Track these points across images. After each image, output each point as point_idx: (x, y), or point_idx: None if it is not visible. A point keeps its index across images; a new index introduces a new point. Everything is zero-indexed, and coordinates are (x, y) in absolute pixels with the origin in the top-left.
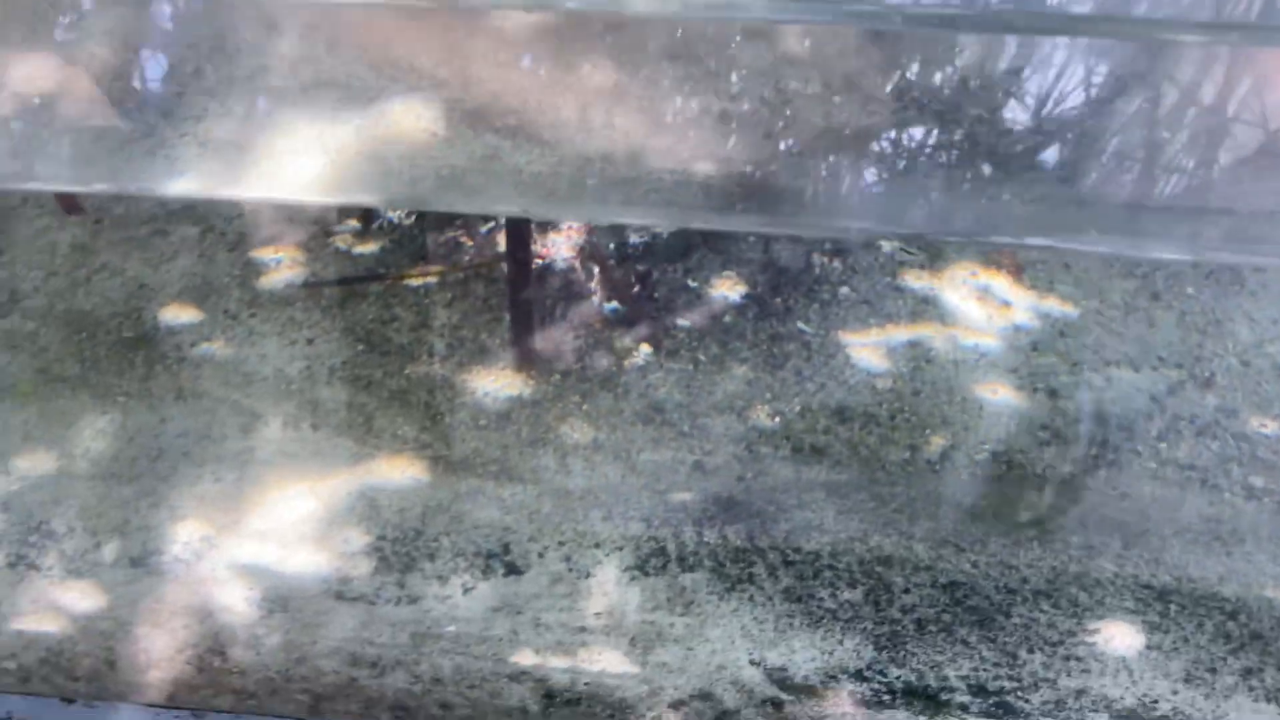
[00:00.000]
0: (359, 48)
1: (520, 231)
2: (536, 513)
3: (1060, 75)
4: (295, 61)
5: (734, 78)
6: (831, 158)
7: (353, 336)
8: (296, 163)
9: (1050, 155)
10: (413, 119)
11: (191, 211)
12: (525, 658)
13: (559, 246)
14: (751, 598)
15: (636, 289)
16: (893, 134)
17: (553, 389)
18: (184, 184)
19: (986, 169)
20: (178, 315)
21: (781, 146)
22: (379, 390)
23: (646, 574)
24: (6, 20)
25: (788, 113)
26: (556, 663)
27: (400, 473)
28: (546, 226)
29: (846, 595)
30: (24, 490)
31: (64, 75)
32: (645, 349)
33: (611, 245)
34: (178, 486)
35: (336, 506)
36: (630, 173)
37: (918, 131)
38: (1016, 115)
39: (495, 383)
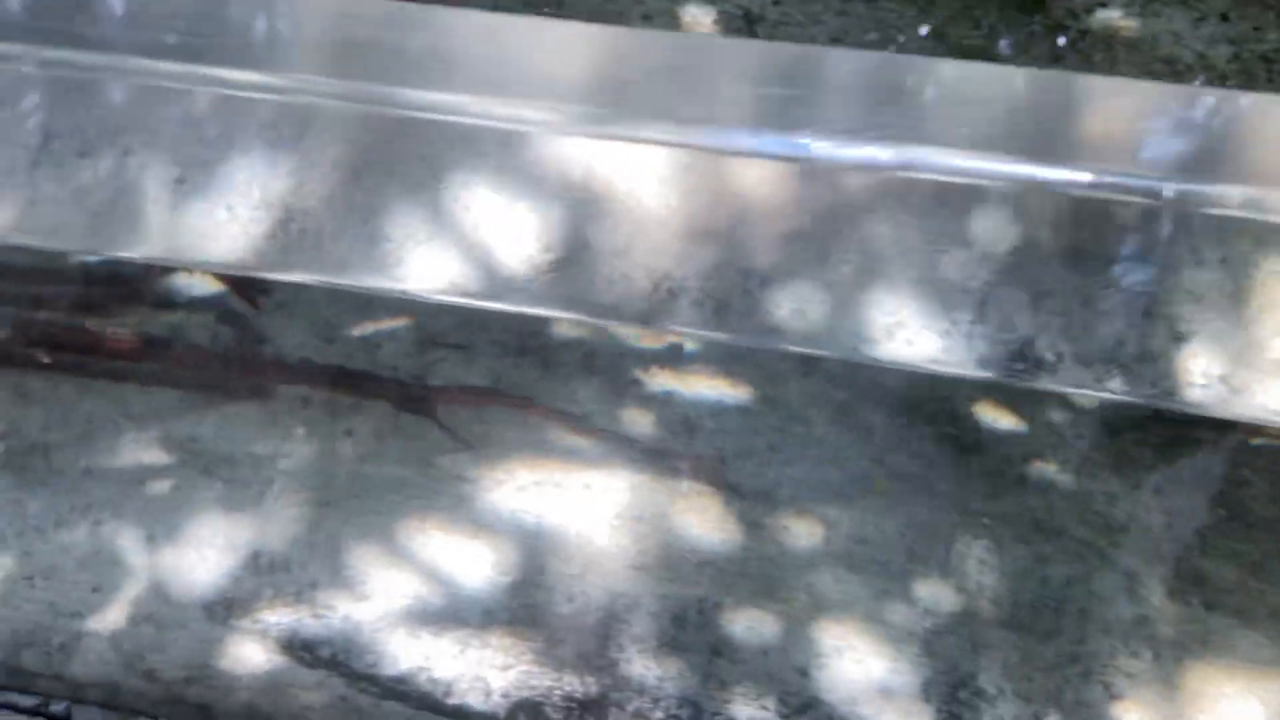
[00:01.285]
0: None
1: None
2: None
3: None
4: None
5: None
6: None
7: (1204, 494)
8: None
9: None
10: None
11: None
12: None
13: None
14: None
15: None
16: None
17: None
18: None
19: None
20: (994, 418)
21: None
22: (1266, 574)
23: None
24: None
25: None
26: None
27: None
28: None
29: None
30: (939, 630)
31: None
32: None
33: None
34: (1086, 649)
35: None
36: None
37: None
38: None
39: None
